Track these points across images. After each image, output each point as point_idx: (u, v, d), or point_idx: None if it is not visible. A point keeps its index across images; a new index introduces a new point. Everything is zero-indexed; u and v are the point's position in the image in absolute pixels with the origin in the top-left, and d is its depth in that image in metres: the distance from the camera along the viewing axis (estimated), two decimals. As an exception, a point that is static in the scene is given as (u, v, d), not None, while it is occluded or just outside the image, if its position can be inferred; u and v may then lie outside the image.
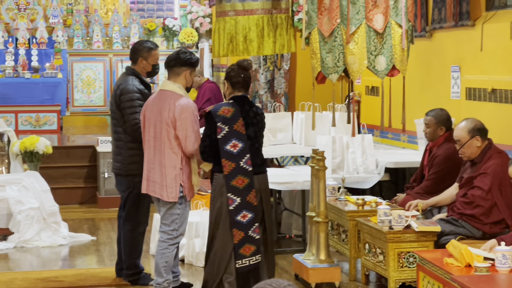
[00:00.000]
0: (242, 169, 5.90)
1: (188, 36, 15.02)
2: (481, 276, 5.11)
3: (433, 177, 7.01)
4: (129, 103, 6.65)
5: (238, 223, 5.90)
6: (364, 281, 6.85)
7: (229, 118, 5.90)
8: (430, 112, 7.14)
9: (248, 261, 5.93)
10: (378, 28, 6.09)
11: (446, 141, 7.02)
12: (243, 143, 5.90)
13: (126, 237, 6.87)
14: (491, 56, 7.36)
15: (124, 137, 6.74)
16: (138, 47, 6.92)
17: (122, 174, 6.80)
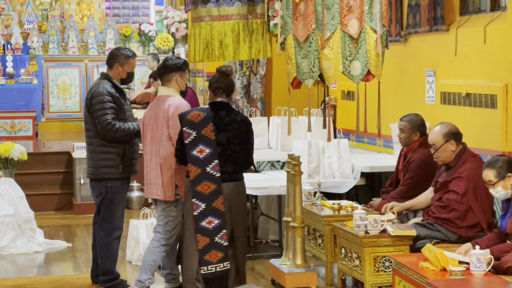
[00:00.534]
0: (209, 175, 5.83)
1: (164, 41, 15.00)
2: (456, 280, 5.14)
3: (408, 182, 7.04)
4: (99, 105, 6.67)
5: (202, 229, 5.83)
6: (341, 285, 6.85)
7: (197, 123, 5.85)
8: (405, 117, 7.17)
9: (214, 268, 5.85)
10: (353, 33, 6.11)
11: (421, 146, 7.05)
12: (211, 149, 5.83)
13: (101, 243, 6.85)
14: (466, 60, 7.40)
15: (95, 141, 6.74)
16: (116, 53, 6.95)
17: (94, 179, 6.80)
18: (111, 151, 6.71)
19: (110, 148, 6.71)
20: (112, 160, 6.71)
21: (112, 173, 6.71)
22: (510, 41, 6.64)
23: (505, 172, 5.51)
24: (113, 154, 6.71)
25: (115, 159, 6.72)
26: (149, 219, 8.04)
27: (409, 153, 7.12)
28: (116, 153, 6.72)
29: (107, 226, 6.82)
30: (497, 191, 5.55)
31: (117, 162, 6.73)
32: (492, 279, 5.14)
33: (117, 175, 6.74)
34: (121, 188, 6.82)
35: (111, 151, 6.71)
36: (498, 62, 6.89)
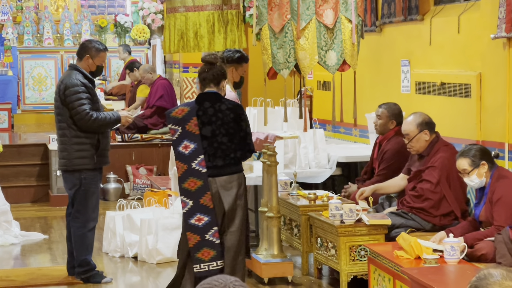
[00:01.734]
0: (194, 171, 5.66)
1: (140, 32, 14.95)
2: (430, 268, 5.18)
3: (383, 172, 7.07)
4: (75, 96, 6.64)
5: (192, 226, 5.67)
6: (317, 275, 6.89)
7: (181, 119, 5.71)
8: (383, 105, 7.19)
9: (207, 266, 5.68)
10: (328, 24, 6.12)
11: (396, 135, 7.08)
12: (196, 144, 5.67)
13: (76, 234, 6.82)
14: (440, 50, 7.45)
15: (69, 132, 6.71)
16: (88, 45, 6.93)
17: (68, 170, 6.78)
18: (86, 142, 6.69)
19: (85, 139, 6.69)
20: (87, 151, 6.69)
21: (86, 164, 6.70)
22: (483, 31, 6.69)
23: (479, 160, 5.55)
24: (87, 145, 6.70)
25: (89, 150, 6.70)
26: (125, 210, 8.03)
27: (384, 141, 7.15)
28: (90, 144, 6.70)
29: (81, 218, 6.80)
30: (472, 180, 5.60)
31: (91, 153, 6.71)
32: (465, 266, 5.19)
33: (91, 166, 6.72)
34: (95, 179, 6.81)
35: (85, 142, 6.69)
36: (472, 52, 6.94)
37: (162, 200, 8.02)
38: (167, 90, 11.75)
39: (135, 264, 7.59)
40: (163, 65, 14.47)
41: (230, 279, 2.36)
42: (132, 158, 11.14)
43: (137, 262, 7.63)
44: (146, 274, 7.31)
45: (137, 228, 7.72)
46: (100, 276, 6.88)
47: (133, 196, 10.62)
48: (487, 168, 5.56)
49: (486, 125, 6.75)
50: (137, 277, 7.24)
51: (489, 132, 6.71)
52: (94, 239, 6.94)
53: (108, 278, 6.90)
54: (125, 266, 7.56)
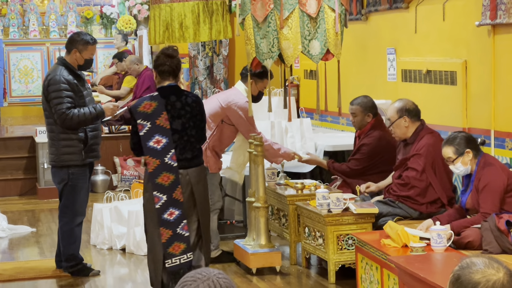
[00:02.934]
0: (167, 166, 5.65)
1: (126, 23, 14.89)
2: (417, 256, 5.18)
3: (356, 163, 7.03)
4: (55, 94, 6.56)
5: (165, 221, 5.67)
6: (305, 264, 6.89)
7: (150, 114, 5.66)
8: (355, 101, 7.09)
9: (178, 260, 5.71)
10: (311, 13, 6.10)
11: (373, 128, 7.05)
12: (168, 138, 5.66)
13: (64, 229, 6.78)
14: (425, 38, 7.44)
15: (56, 128, 6.65)
16: (76, 38, 6.81)
17: (56, 166, 6.73)
18: (73, 138, 6.63)
19: (72, 134, 6.62)
20: (74, 147, 6.63)
21: (74, 160, 6.65)
22: (468, 18, 6.69)
23: (463, 148, 5.55)
24: (74, 140, 6.64)
25: (76, 145, 6.64)
26: (113, 202, 8.02)
27: (362, 135, 7.12)
28: (78, 139, 6.64)
29: (69, 213, 6.76)
30: (457, 167, 5.60)
31: (79, 149, 6.65)
32: (452, 254, 5.19)
33: (79, 162, 6.66)
34: (83, 174, 6.75)
35: (72, 137, 6.63)
36: (457, 39, 6.93)
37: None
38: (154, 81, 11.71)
39: (123, 256, 7.58)
40: (150, 55, 14.43)
41: (213, 271, 2.35)
42: (120, 150, 11.12)
43: (125, 254, 7.62)
44: (134, 266, 7.30)
45: (124, 220, 7.71)
46: (87, 269, 6.86)
47: (121, 188, 10.61)
48: (472, 156, 5.56)
49: (472, 112, 6.75)
50: (125, 269, 7.24)
51: (475, 119, 6.71)
52: (81, 233, 6.91)
53: (95, 271, 6.89)
54: (113, 258, 7.55)
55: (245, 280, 6.63)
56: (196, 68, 11.55)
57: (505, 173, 5.52)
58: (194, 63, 11.61)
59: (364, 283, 5.84)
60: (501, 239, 5.17)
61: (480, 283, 2.35)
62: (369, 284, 5.74)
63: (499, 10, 6.21)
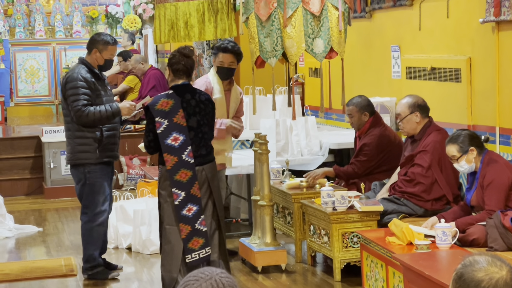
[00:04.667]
0: (185, 163, 5.76)
1: (132, 22, 14.91)
2: (422, 253, 5.18)
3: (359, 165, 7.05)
4: (71, 91, 6.55)
5: (184, 217, 5.77)
6: (310, 262, 6.90)
7: (168, 112, 5.75)
8: (349, 102, 7.08)
9: (197, 255, 5.80)
10: (315, 11, 6.10)
11: (372, 127, 7.06)
12: (184, 136, 5.75)
13: (84, 229, 6.74)
14: (430, 35, 7.44)
15: (72, 126, 6.63)
16: (96, 38, 6.79)
17: (72, 164, 6.71)
18: (87, 136, 6.59)
19: (87, 133, 6.58)
20: (89, 145, 6.59)
21: (89, 158, 6.60)
22: (473, 15, 6.68)
23: (467, 146, 5.55)
24: (89, 139, 6.59)
25: (91, 144, 6.60)
26: (118, 201, 8.03)
27: (361, 134, 7.13)
28: (93, 138, 6.59)
29: (89, 213, 6.71)
30: (461, 166, 5.60)
31: (93, 147, 6.60)
32: (457, 251, 5.19)
33: (94, 160, 6.61)
34: (101, 173, 6.68)
35: (87, 135, 6.59)
36: (462, 36, 6.93)
37: (155, 191, 8.01)
38: (159, 81, 11.74)
39: (129, 255, 7.60)
40: (155, 54, 14.45)
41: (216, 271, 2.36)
42: (126, 149, 11.13)
43: (131, 253, 7.64)
44: (140, 265, 7.32)
45: (130, 219, 7.72)
46: (106, 273, 6.78)
47: (127, 187, 10.64)
48: (476, 154, 5.56)
49: (477, 109, 6.75)
50: (131, 268, 7.25)
51: (479, 116, 6.71)
52: (104, 234, 6.82)
53: (115, 274, 6.83)
54: (119, 257, 7.56)
55: (251, 278, 6.65)
56: (201, 66, 11.56)
57: (509, 170, 5.52)
58: (199, 61, 11.62)
59: (369, 281, 5.85)
60: (506, 236, 5.17)
61: (483, 281, 2.35)
62: (374, 282, 5.74)
63: (503, 6, 6.20)
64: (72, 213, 9.54)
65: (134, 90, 12.13)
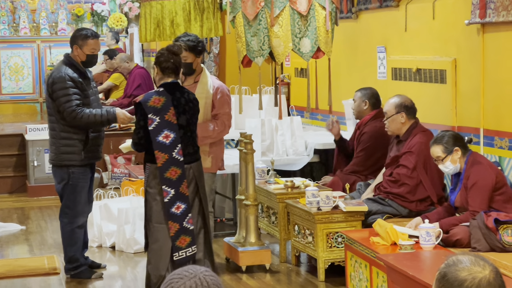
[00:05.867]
0: (175, 160, 5.77)
1: (117, 21, 14.87)
2: (406, 253, 5.19)
3: (360, 155, 7.11)
4: (62, 92, 6.46)
5: (173, 215, 5.78)
6: (295, 262, 6.90)
7: (160, 109, 5.74)
8: (359, 89, 7.33)
9: (184, 253, 5.82)
10: (302, 11, 6.10)
11: (373, 119, 7.12)
12: (175, 133, 5.76)
13: (64, 230, 6.68)
14: (415, 36, 7.45)
15: (58, 126, 6.56)
16: (75, 34, 6.69)
17: (55, 165, 6.63)
18: (73, 137, 6.52)
19: (73, 134, 6.51)
20: (74, 147, 6.53)
21: (74, 160, 6.54)
22: (458, 17, 6.70)
23: (452, 147, 5.57)
24: (75, 140, 6.53)
25: (77, 145, 6.54)
26: (102, 200, 8.01)
27: (362, 125, 7.20)
28: (78, 140, 6.53)
29: (70, 213, 6.66)
30: (446, 166, 5.62)
31: (79, 149, 6.54)
32: (440, 252, 5.21)
33: (78, 162, 6.56)
34: (84, 174, 6.64)
35: (73, 137, 6.52)
36: (447, 37, 6.95)
37: (140, 190, 7.99)
38: (145, 79, 11.72)
39: (113, 254, 7.58)
40: (140, 53, 14.41)
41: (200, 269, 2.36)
42: (110, 148, 11.10)
43: (115, 251, 7.62)
44: (124, 263, 7.29)
45: (114, 217, 7.70)
46: (89, 272, 6.76)
47: (111, 186, 10.60)
48: (460, 154, 5.58)
49: (462, 110, 6.77)
50: (115, 267, 7.22)
51: (464, 117, 6.73)
52: (84, 235, 6.80)
53: (98, 273, 6.79)
54: (103, 256, 7.54)
55: (235, 278, 6.64)
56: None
57: (493, 171, 5.54)
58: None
59: (353, 281, 5.85)
60: (490, 237, 5.19)
61: (466, 280, 2.35)
62: (358, 282, 5.75)
63: (488, 8, 6.22)
64: (56, 211, 9.48)
65: (119, 88, 12.10)
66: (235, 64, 6.62)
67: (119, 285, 6.72)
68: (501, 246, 5.16)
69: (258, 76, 6.52)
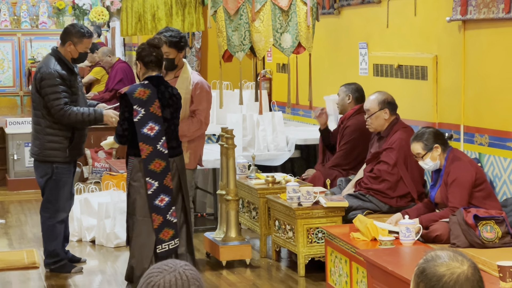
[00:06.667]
0: (159, 152, 5.78)
1: (99, 15, 14.80)
2: (385, 249, 5.21)
3: (343, 148, 7.12)
4: (51, 89, 6.41)
5: (156, 207, 5.78)
6: (275, 257, 6.91)
7: (145, 101, 5.74)
8: (344, 84, 7.34)
9: (167, 246, 5.83)
10: (283, 6, 6.10)
11: (357, 113, 7.13)
12: (160, 126, 5.77)
13: (45, 225, 6.65)
14: (397, 32, 7.47)
15: (43, 122, 6.51)
16: (71, 29, 6.63)
17: (39, 160, 6.59)
18: (59, 134, 6.49)
19: (58, 131, 6.48)
20: (59, 144, 6.49)
21: (58, 156, 6.50)
22: (440, 13, 6.72)
23: (431, 144, 5.59)
24: (60, 137, 6.49)
25: (62, 142, 6.50)
26: (83, 194, 7.98)
27: (344, 120, 7.22)
28: (64, 137, 6.50)
29: (51, 208, 6.62)
30: (426, 163, 5.63)
31: (64, 146, 6.50)
32: (420, 247, 5.22)
33: (62, 159, 6.52)
34: (68, 170, 6.61)
35: (59, 134, 6.49)
36: (429, 34, 6.97)
37: (120, 184, 7.97)
38: (126, 74, 11.68)
39: (93, 248, 7.55)
40: (122, 47, 14.36)
41: (180, 263, 2.35)
42: (91, 142, 11.05)
43: (95, 246, 7.60)
44: (104, 258, 7.27)
45: (94, 212, 7.67)
46: (69, 266, 6.73)
47: (92, 180, 10.56)
48: (440, 151, 5.60)
49: (442, 107, 6.79)
50: (95, 261, 7.20)
51: (445, 114, 6.75)
52: (65, 229, 6.76)
53: (78, 268, 6.76)
54: (83, 250, 7.51)
55: (215, 273, 6.63)
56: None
57: (473, 167, 5.56)
58: (166, 55, 11.57)
59: (333, 276, 5.86)
60: (469, 233, 5.21)
61: (445, 275, 2.36)
62: (338, 277, 5.76)
63: (469, 5, 6.24)
64: (36, 205, 9.45)
65: (101, 82, 12.06)
66: (217, 59, 6.61)
67: (99, 279, 6.70)
68: (480, 242, 5.18)
69: (239, 71, 6.51)
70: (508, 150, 6.01)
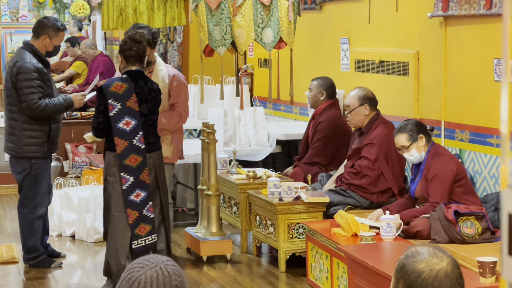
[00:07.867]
0: (135, 147, 5.75)
1: (80, 8, 14.71)
2: (366, 244, 5.21)
3: (316, 145, 7.11)
4: (26, 83, 6.36)
5: (131, 202, 5.76)
6: (256, 253, 6.90)
7: (122, 95, 5.71)
8: (315, 78, 7.31)
9: (144, 241, 5.80)
10: (265, 1, 6.09)
11: (329, 108, 7.13)
12: (136, 121, 5.73)
13: (24, 221, 6.60)
14: (379, 28, 7.47)
15: (19, 117, 6.45)
16: (47, 23, 6.57)
17: (16, 156, 6.54)
18: (37, 129, 6.44)
19: (36, 126, 6.44)
20: (37, 139, 6.45)
21: (37, 152, 6.46)
22: (421, 9, 6.72)
23: (416, 134, 5.60)
24: (38, 132, 6.45)
25: (40, 137, 6.46)
26: (63, 188, 7.94)
27: (316, 115, 7.20)
28: (42, 131, 6.46)
29: (30, 204, 6.58)
30: (411, 154, 5.63)
31: (42, 141, 6.46)
32: (401, 243, 5.23)
33: (40, 154, 6.49)
34: (45, 165, 6.58)
35: (37, 129, 6.44)
36: (410, 30, 6.97)
37: (101, 179, 7.93)
38: (108, 67, 11.62)
39: (73, 243, 7.52)
40: (103, 41, 14.29)
41: (161, 258, 2.34)
42: (71, 136, 11.00)
43: (75, 241, 7.56)
44: (84, 253, 7.24)
45: (74, 206, 7.63)
46: (48, 262, 6.70)
47: (72, 174, 10.51)
48: (425, 142, 5.62)
49: (424, 103, 6.80)
50: (74, 256, 7.17)
51: (426, 110, 6.76)
52: (43, 225, 6.72)
53: (57, 263, 6.73)
54: (63, 245, 7.47)
55: (196, 268, 6.62)
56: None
57: (454, 163, 5.58)
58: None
59: (314, 272, 5.86)
60: (449, 229, 5.23)
61: (424, 272, 2.36)
62: (318, 273, 5.76)
63: (451, 2, 6.25)
64: (15, 200, 9.34)
65: (81, 76, 12.00)
66: (199, 53, 6.59)
67: (79, 274, 6.67)
68: (460, 238, 5.20)
69: (220, 66, 6.49)
70: (489, 146, 6.03)
